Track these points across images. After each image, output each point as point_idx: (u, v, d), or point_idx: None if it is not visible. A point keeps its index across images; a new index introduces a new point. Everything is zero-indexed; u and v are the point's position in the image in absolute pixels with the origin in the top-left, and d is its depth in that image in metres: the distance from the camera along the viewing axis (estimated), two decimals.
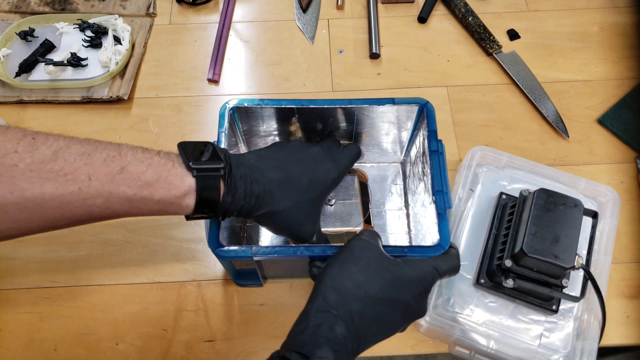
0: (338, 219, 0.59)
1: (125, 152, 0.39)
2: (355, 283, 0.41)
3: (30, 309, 0.59)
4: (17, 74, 0.73)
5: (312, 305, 0.40)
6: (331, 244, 0.49)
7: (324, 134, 0.61)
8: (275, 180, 0.44)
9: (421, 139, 0.57)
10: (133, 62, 0.76)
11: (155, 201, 0.39)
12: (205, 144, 0.43)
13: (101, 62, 0.74)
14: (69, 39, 0.77)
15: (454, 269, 0.47)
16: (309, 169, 0.47)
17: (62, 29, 0.78)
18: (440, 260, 0.46)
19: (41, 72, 0.74)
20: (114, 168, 0.38)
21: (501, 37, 0.79)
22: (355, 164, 0.66)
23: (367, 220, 0.61)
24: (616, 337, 0.57)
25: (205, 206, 0.41)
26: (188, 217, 0.42)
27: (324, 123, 0.59)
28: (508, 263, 0.53)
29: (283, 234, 0.48)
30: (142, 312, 0.58)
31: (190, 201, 0.40)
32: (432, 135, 0.54)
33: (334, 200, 0.60)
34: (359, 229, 0.58)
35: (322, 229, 0.58)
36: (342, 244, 0.46)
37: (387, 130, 0.61)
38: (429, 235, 0.52)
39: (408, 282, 0.43)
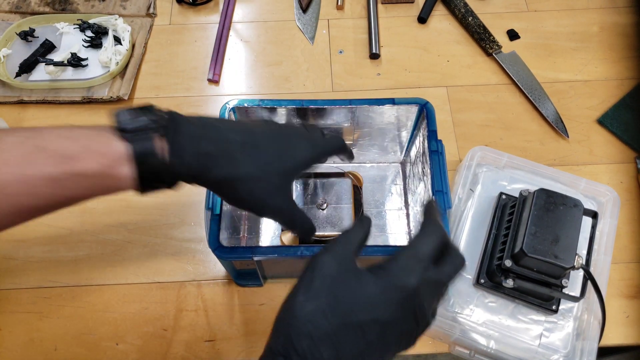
0: (329, 223, 0.59)
1: (48, 131, 0.35)
2: (303, 316, 0.32)
3: (30, 309, 0.59)
4: (18, 74, 0.73)
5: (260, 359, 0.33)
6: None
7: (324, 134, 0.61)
8: (237, 142, 0.39)
9: (421, 139, 0.57)
10: (133, 62, 0.76)
11: (85, 176, 0.34)
12: (146, 105, 0.38)
13: (101, 62, 0.74)
14: (69, 39, 0.77)
15: (457, 268, 0.37)
16: (279, 140, 0.41)
17: (63, 29, 0.78)
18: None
19: (41, 72, 0.74)
20: (29, 148, 0.33)
21: (501, 37, 0.79)
22: (353, 165, 0.66)
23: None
24: (616, 337, 0.57)
25: (150, 173, 0.36)
26: (142, 192, 0.37)
27: (324, 123, 0.59)
28: (508, 263, 0.53)
29: (249, 208, 0.41)
30: (142, 312, 0.58)
31: (127, 170, 0.35)
32: (432, 135, 0.54)
33: (325, 205, 0.60)
34: None
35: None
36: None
37: (387, 130, 0.61)
38: None
39: (376, 298, 0.33)
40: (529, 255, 0.50)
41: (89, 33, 0.77)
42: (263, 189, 0.39)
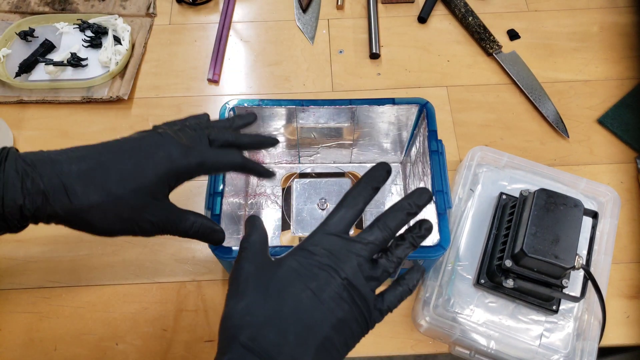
0: None
1: None
2: (238, 314, 0.33)
3: (30, 308, 0.59)
4: (17, 74, 0.73)
5: None
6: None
7: (324, 134, 0.61)
8: (75, 172, 0.36)
9: (421, 139, 0.57)
10: (133, 62, 0.76)
11: None
12: None
13: (101, 62, 0.74)
14: (69, 39, 0.77)
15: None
16: (134, 154, 0.38)
17: (62, 29, 0.78)
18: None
19: (41, 72, 0.74)
20: None
21: (501, 37, 0.79)
22: (353, 166, 0.66)
23: (359, 225, 0.61)
24: (616, 337, 0.57)
25: None
26: None
27: (324, 123, 0.59)
28: (508, 263, 0.53)
29: (116, 234, 0.39)
30: (142, 312, 0.58)
31: None
32: (432, 135, 0.54)
33: (326, 205, 0.60)
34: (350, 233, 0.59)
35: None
36: None
37: (387, 130, 0.61)
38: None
39: (298, 276, 0.34)
40: (529, 255, 0.50)
41: (88, 33, 0.77)
42: (116, 214, 0.37)
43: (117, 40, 0.76)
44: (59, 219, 0.37)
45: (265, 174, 0.46)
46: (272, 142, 0.48)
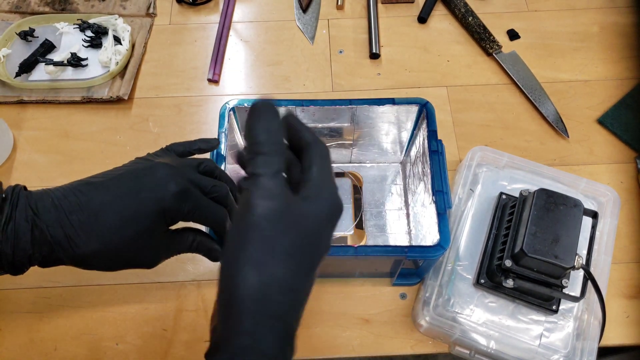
0: None
1: None
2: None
3: (30, 308, 0.59)
4: (17, 74, 0.73)
5: None
6: None
7: (324, 134, 0.61)
8: (76, 223, 0.38)
9: (421, 139, 0.57)
10: (133, 62, 0.76)
11: None
12: None
13: (101, 62, 0.74)
14: (69, 39, 0.77)
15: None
16: (129, 200, 0.39)
17: (62, 29, 0.78)
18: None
19: (41, 72, 0.74)
20: None
21: (501, 37, 0.79)
22: (353, 166, 0.66)
23: (359, 225, 0.61)
24: (616, 337, 0.57)
25: None
26: None
27: (324, 123, 0.59)
28: (508, 263, 0.53)
29: (120, 269, 0.41)
30: (142, 312, 0.58)
31: None
32: (432, 135, 0.54)
33: None
34: (349, 233, 0.59)
35: None
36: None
37: (387, 130, 0.61)
38: (429, 235, 0.52)
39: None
40: (529, 255, 0.50)
41: (88, 33, 0.77)
42: (117, 257, 0.40)
43: (117, 40, 0.76)
44: (64, 263, 0.39)
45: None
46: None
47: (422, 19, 0.80)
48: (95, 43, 0.76)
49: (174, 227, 0.43)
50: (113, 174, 0.41)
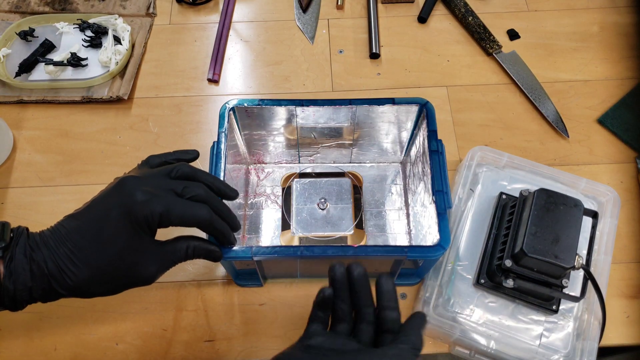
0: (329, 223, 0.59)
1: None
2: None
3: (30, 308, 0.58)
4: (17, 74, 0.73)
5: None
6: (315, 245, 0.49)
7: (324, 134, 0.61)
8: (64, 255, 0.39)
9: (421, 139, 0.57)
10: (133, 62, 0.76)
11: None
12: None
13: (101, 62, 0.74)
14: (69, 39, 0.77)
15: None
16: (101, 223, 0.40)
17: (62, 29, 0.78)
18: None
19: (41, 72, 0.74)
20: None
21: (501, 37, 0.79)
22: (353, 165, 0.66)
23: (359, 225, 0.61)
24: (616, 337, 0.57)
25: None
26: None
27: (324, 123, 0.59)
28: (508, 263, 0.53)
29: (123, 289, 0.43)
30: (142, 312, 0.58)
31: None
32: (432, 135, 0.54)
33: (326, 204, 0.60)
34: (349, 233, 0.59)
35: (313, 234, 0.59)
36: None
37: (387, 130, 0.61)
38: (429, 235, 0.52)
39: None
40: (529, 255, 0.50)
41: (88, 33, 0.76)
42: (110, 279, 0.41)
43: (117, 40, 0.76)
44: (64, 296, 0.40)
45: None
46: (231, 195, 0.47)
47: (422, 18, 0.80)
48: (95, 43, 0.76)
49: (167, 239, 0.43)
50: (89, 201, 0.42)
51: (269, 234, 0.62)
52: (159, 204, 0.40)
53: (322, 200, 0.60)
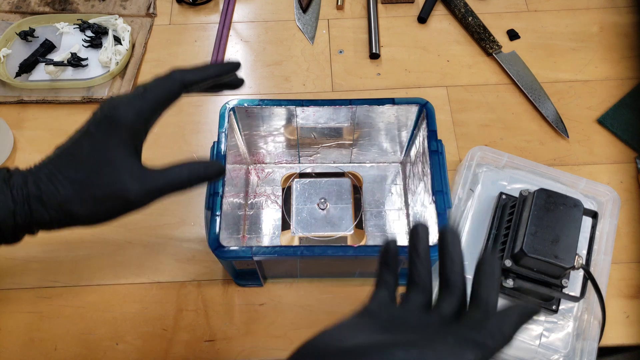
0: (329, 223, 0.59)
1: None
2: None
3: (30, 308, 0.59)
4: (17, 74, 0.73)
5: None
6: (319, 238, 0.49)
7: (324, 134, 0.61)
8: (46, 175, 0.39)
9: (421, 139, 0.57)
10: (133, 62, 0.76)
11: None
12: None
13: (101, 62, 0.74)
14: (69, 39, 0.77)
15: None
16: (78, 149, 0.40)
17: (62, 29, 0.78)
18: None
19: (41, 72, 0.74)
20: None
21: (501, 37, 0.79)
22: (353, 166, 0.66)
23: (359, 225, 0.61)
24: (616, 337, 0.57)
25: None
26: None
27: (323, 123, 0.59)
28: (508, 263, 0.53)
29: (110, 217, 0.40)
30: (142, 311, 0.58)
31: None
32: (432, 135, 0.54)
33: (326, 204, 0.60)
34: (349, 233, 0.59)
35: (313, 234, 0.59)
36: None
37: (387, 130, 0.61)
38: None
39: None
40: (529, 255, 0.50)
41: (89, 33, 0.77)
42: (91, 199, 0.39)
43: (117, 40, 0.76)
44: (52, 224, 0.39)
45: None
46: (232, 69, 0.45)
47: (422, 19, 0.80)
48: (95, 43, 0.76)
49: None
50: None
51: (269, 234, 0.62)
52: (136, 102, 0.42)
53: (322, 200, 0.60)
